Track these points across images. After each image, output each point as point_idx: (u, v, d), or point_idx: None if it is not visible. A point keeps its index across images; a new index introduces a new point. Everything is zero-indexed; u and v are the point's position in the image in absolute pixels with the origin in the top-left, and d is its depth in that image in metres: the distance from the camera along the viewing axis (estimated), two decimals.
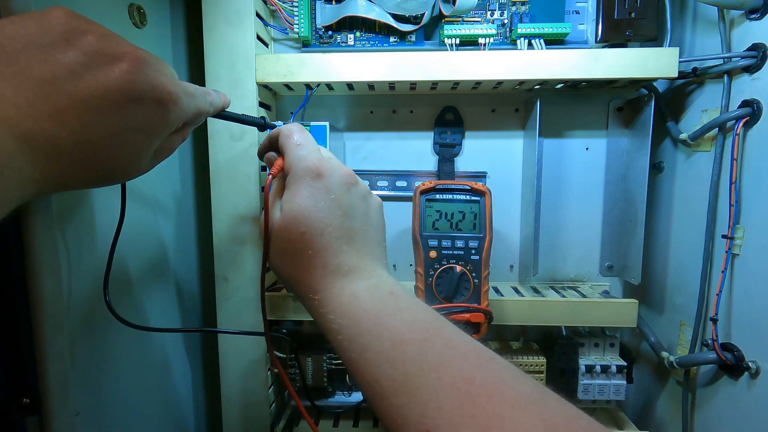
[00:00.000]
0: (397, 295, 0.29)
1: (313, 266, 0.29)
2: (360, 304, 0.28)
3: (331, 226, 0.29)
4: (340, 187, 0.30)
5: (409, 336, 0.26)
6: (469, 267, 0.43)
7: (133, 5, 0.41)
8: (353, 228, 0.30)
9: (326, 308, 0.28)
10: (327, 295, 0.28)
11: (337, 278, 0.29)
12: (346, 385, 0.51)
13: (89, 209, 0.36)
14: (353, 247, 0.30)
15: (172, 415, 0.49)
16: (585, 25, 0.48)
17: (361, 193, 0.32)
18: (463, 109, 0.51)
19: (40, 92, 0.21)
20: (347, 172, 0.31)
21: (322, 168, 0.30)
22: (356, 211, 0.31)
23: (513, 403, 0.23)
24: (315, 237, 0.29)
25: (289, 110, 0.52)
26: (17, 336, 0.29)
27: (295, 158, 0.30)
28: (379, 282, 0.29)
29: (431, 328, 0.27)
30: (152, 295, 0.45)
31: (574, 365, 0.48)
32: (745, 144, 0.40)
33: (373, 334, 0.26)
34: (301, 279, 0.29)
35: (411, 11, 0.46)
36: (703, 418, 0.45)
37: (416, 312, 0.28)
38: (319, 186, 0.29)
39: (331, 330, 0.28)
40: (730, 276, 0.42)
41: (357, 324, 0.27)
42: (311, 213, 0.29)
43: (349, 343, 0.27)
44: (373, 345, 0.26)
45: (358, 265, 0.30)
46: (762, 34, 0.39)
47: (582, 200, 0.52)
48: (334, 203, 0.29)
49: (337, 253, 0.29)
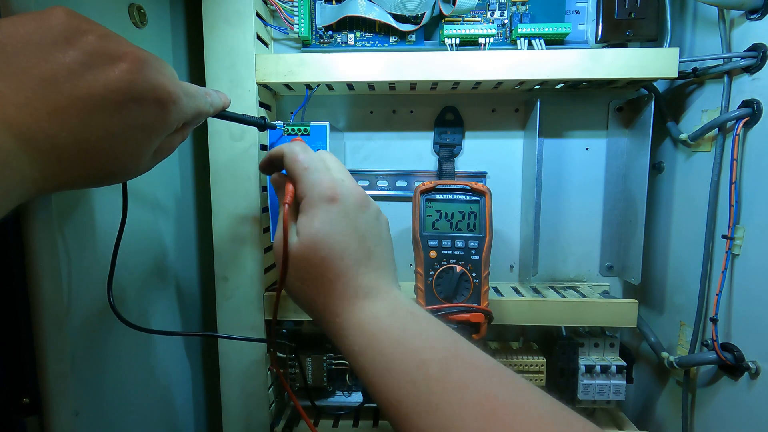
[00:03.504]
0: (416, 315, 0.29)
1: (334, 290, 0.29)
2: (381, 325, 0.28)
3: (350, 249, 0.29)
4: (355, 210, 0.30)
5: (431, 356, 0.26)
6: (469, 267, 0.43)
7: (133, 5, 0.41)
8: (369, 249, 0.30)
9: (347, 330, 0.28)
10: (348, 317, 0.29)
11: (357, 300, 0.29)
12: (346, 385, 0.51)
13: (89, 209, 0.35)
14: (370, 268, 0.30)
15: (172, 414, 0.49)
16: (585, 25, 0.48)
17: (374, 213, 0.32)
18: (463, 109, 0.51)
19: (40, 92, 0.21)
20: (360, 194, 0.31)
21: (337, 192, 0.30)
22: (371, 232, 0.31)
23: (538, 422, 0.23)
24: (335, 261, 0.29)
25: (289, 110, 0.52)
26: (17, 336, 0.29)
27: (308, 183, 0.30)
28: (397, 302, 0.30)
29: (452, 347, 0.27)
30: (152, 294, 0.45)
31: (574, 365, 0.48)
32: (745, 144, 0.40)
33: (395, 354, 0.26)
34: (322, 303, 0.29)
35: (411, 11, 0.46)
36: (703, 418, 0.45)
37: (436, 331, 0.28)
38: (336, 210, 0.29)
39: (353, 352, 0.28)
40: (730, 276, 0.42)
41: (378, 345, 0.27)
42: (330, 238, 0.29)
43: (371, 364, 0.27)
44: (395, 365, 0.26)
45: (376, 285, 0.30)
46: (762, 34, 0.39)
47: (582, 200, 0.52)
48: (351, 226, 0.30)
49: (356, 276, 0.29)
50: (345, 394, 0.52)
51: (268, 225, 0.45)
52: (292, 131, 0.43)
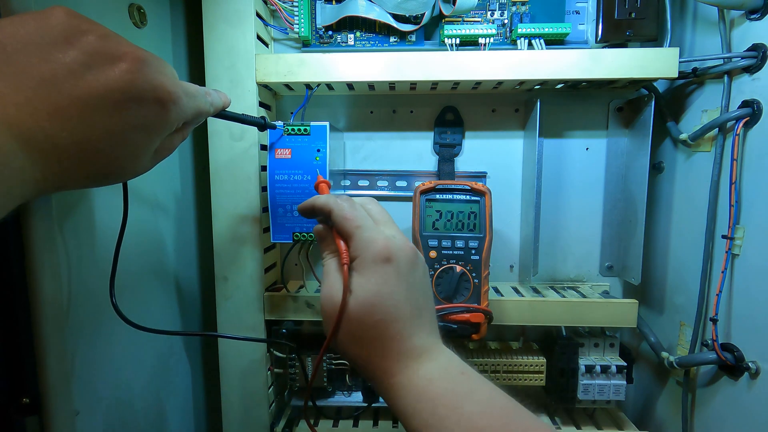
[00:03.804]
0: (468, 375, 0.29)
1: (389, 350, 0.29)
2: (435, 388, 0.28)
3: (404, 310, 0.29)
4: (407, 268, 0.30)
5: (487, 422, 0.26)
6: (469, 267, 0.43)
7: (133, 5, 0.41)
8: (420, 307, 0.30)
9: (400, 392, 0.28)
10: (401, 379, 0.28)
11: (411, 361, 0.29)
12: (346, 385, 0.51)
13: (89, 209, 0.36)
14: (422, 327, 0.30)
15: (173, 414, 0.49)
16: (585, 25, 0.48)
17: (422, 269, 0.32)
18: (463, 109, 0.51)
19: (41, 92, 0.21)
20: (410, 249, 0.31)
21: (391, 251, 0.29)
22: (420, 289, 0.31)
23: None
24: (390, 324, 0.29)
25: (289, 110, 0.52)
26: (17, 336, 0.29)
27: (362, 243, 0.30)
28: (449, 362, 0.29)
29: (506, 414, 0.27)
30: (152, 294, 0.45)
31: (574, 365, 0.48)
32: (745, 144, 0.40)
33: (451, 420, 0.26)
34: (376, 363, 0.29)
35: (411, 11, 0.46)
36: (703, 418, 0.45)
37: (490, 393, 0.28)
38: (390, 271, 0.29)
39: (407, 414, 0.28)
40: (730, 276, 0.42)
41: (433, 408, 0.27)
42: (386, 300, 0.29)
43: (426, 429, 0.27)
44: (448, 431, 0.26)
45: (427, 344, 0.30)
46: (762, 34, 0.39)
47: (582, 200, 0.52)
48: (404, 287, 0.29)
49: (410, 336, 0.29)
50: (345, 394, 0.52)
51: (267, 225, 0.45)
52: (292, 131, 0.43)
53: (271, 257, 0.51)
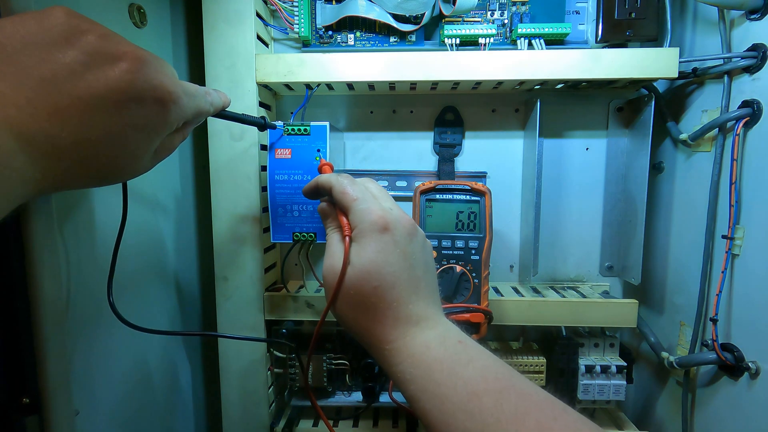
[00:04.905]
0: (466, 344, 0.29)
1: (386, 317, 0.29)
2: (432, 353, 0.28)
3: (401, 278, 0.30)
4: (405, 239, 0.31)
5: (483, 387, 0.26)
6: (469, 267, 0.43)
7: (133, 5, 0.41)
8: (418, 277, 0.31)
9: (398, 358, 0.29)
10: (399, 345, 0.29)
11: (409, 328, 0.29)
12: (346, 385, 0.51)
13: (89, 209, 0.36)
14: (420, 296, 0.30)
15: (173, 414, 0.49)
16: (585, 25, 0.48)
17: (421, 241, 0.32)
18: (463, 109, 0.51)
19: (41, 92, 0.21)
20: (408, 221, 0.32)
21: (387, 221, 0.30)
22: (419, 260, 0.31)
23: None
24: (387, 290, 0.29)
25: (289, 110, 0.52)
26: (17, 336, 0.29)
27: (359, 214, 0.31)
28: (447, 330, 0.30)
29: (504, 378, 0.27)
30: (152, 294, 0.45)
31: (574, 365, 0.48)
32: (745, 144, 0.40)
33: (447, 384, 0.27)
34: (373, 330, 0.30)
35: (411, 11, 0.46)
36: (703, 418, 0.45)
37: (486, 361, 0.28)
38: (387, 240, 0.30)
39: (404, 380, 0.28)
40: (730, 276, 0.42)
41: (430, 374, 0.27)
42: (383, 267, 0.29)
43: (422, 394, 0.27)
44: (448, 396, 0.26)
45: (425, 313, 0.30)
46: (762, 34, 0.39)
47: (582, 200, 0.52)
48: (401, 255, 0.30)
49: (407, 304, 0.30)
50: (345, 394, 0.52)
51: (267, 225, 0.45)
52: (292, 131, 0.43)
53: (271, 257, 0.51)
